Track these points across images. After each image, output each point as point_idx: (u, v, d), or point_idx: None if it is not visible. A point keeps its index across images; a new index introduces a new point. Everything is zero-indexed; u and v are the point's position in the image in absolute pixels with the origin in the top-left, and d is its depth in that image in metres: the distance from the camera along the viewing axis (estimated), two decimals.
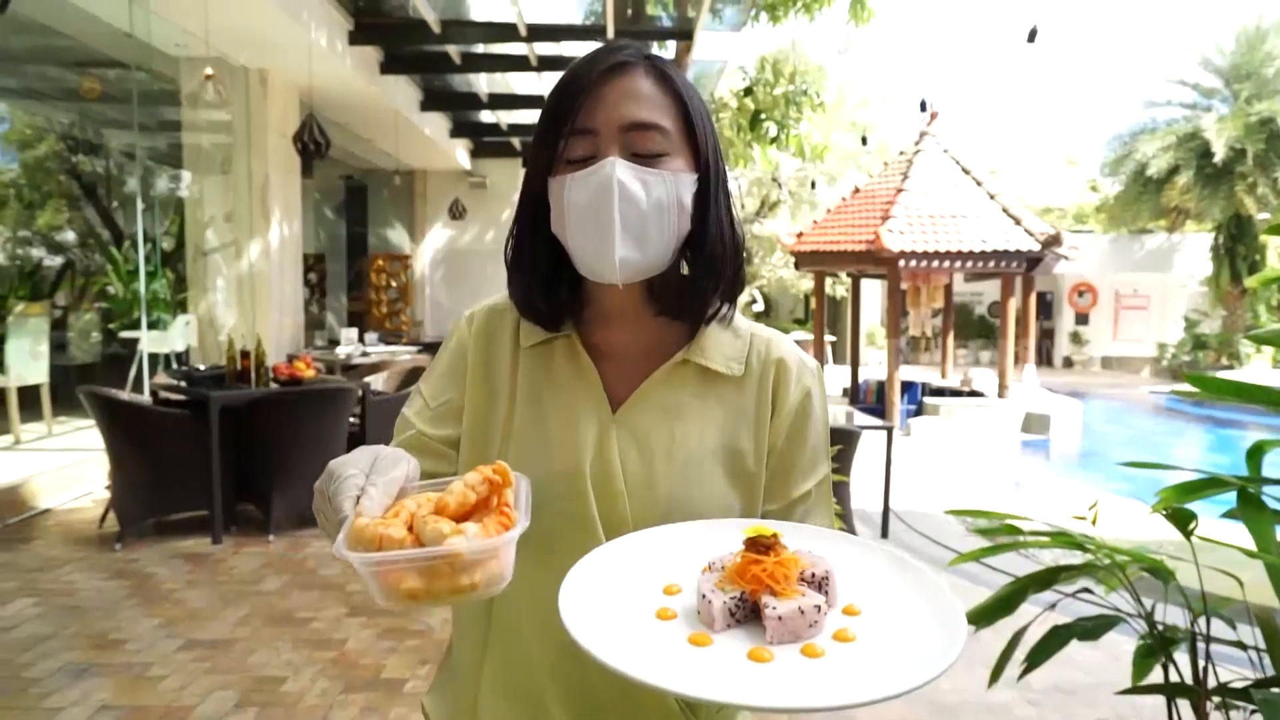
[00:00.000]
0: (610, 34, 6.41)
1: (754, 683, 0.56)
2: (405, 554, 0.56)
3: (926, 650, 0.58)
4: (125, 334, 7.68)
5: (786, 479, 0.86)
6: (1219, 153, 15.47)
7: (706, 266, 0.83)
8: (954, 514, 1.96)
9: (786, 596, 0.62)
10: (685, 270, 0.85)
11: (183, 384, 4.55)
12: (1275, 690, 1.45)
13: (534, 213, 0.83)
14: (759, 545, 0.66)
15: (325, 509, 0.64)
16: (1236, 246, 16.64)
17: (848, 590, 0.67)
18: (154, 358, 6.99)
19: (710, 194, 0.82)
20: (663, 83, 0.80)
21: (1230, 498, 1.49)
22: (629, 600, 0.66)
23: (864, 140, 13.58)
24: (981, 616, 1.72)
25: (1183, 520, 1.54)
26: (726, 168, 0.87)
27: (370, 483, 0.62)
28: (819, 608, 0.62)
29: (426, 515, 0.59)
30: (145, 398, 4.92)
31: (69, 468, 5.14)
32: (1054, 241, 9.23)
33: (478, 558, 0.57)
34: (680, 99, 0.80)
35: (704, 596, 0.64)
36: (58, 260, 10.62)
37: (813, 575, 0.65)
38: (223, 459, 4.24)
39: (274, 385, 4.58)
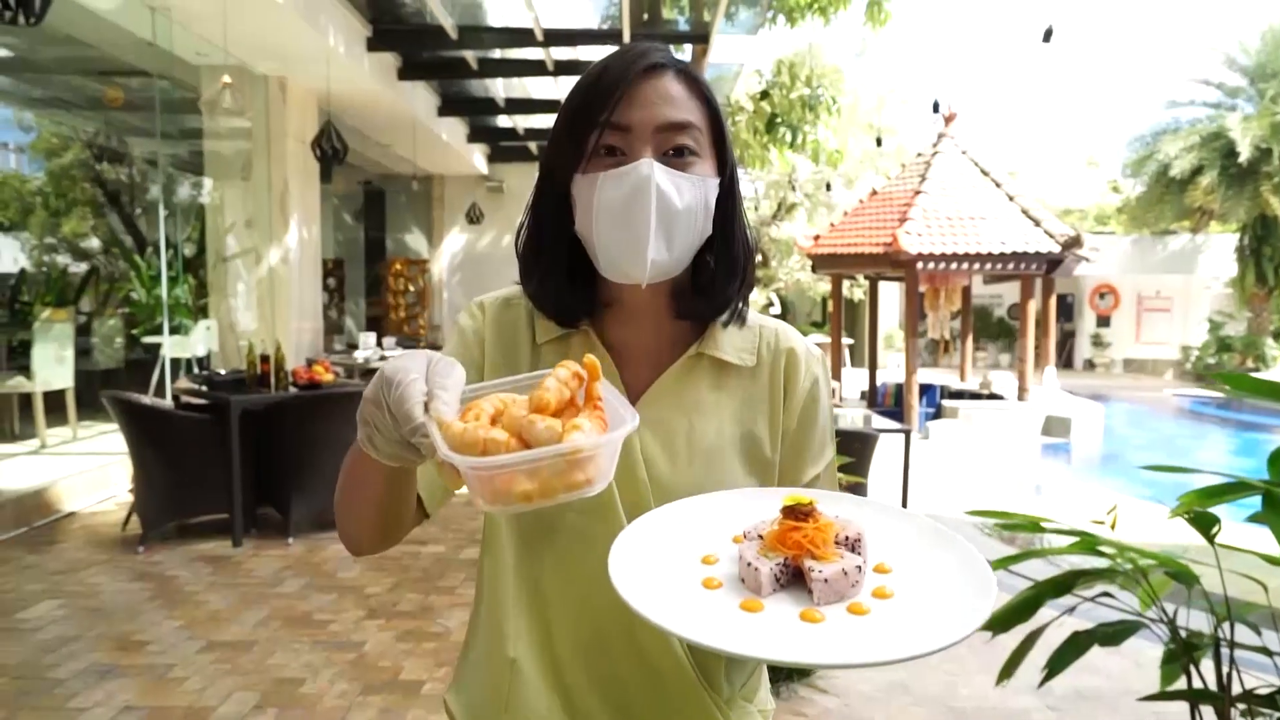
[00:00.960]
0: (626, 38, 6.42)
1: (817, 643, 0.60)
2: (531, 454, 0.54)
3: (961, 602, 0.62)
4: (148, 339, 7.78)
5: (797, 463, 0.88)
6: (1244, 152, 15.24)
7: (730, 268, 0.85)
8: (975, 514, 1.94)
9: (828, 560, 0.65)
10: (701, 271, 0.86)
11: (204, 388, 4.61)
12: None
13: (555, 208, 0.83)
14: (797, 513, 0.69)
15: (379, 419, 0.59)
16: (1262, 247, 16.37)
17: (876, 550, 0.71)
18: (176, 362, 7.09)
19: (732, 199, 0.85)
20: (692, 87, 0.81)
21: (1254, 501, 1.47)
22: (674, 571, 0.69)
23: (879, 141, 13.51)
24: (999, 622, 1.70)
25: (1205, 524, 1.52)
26: (743, 171, 0.88)
27: (439, 386, 0.58)
28: (859, 568, 0.65)
29: (531, 415, 0.57)
30: (167, 402, 4.98)
31: (93, 471, 5.21)
32: (1074, 243, 9.13)
33: (593, 454, 0.56)
34: (709, 103, 0.82)
35: (749, 564, 0.66)
36: (82, 267, 10.79)
37: (846, 538, 0.69)
38: (243, 462, 4.29)
39: (293, 389, 4.63)
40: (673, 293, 0.85)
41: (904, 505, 4.89)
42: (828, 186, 15.22)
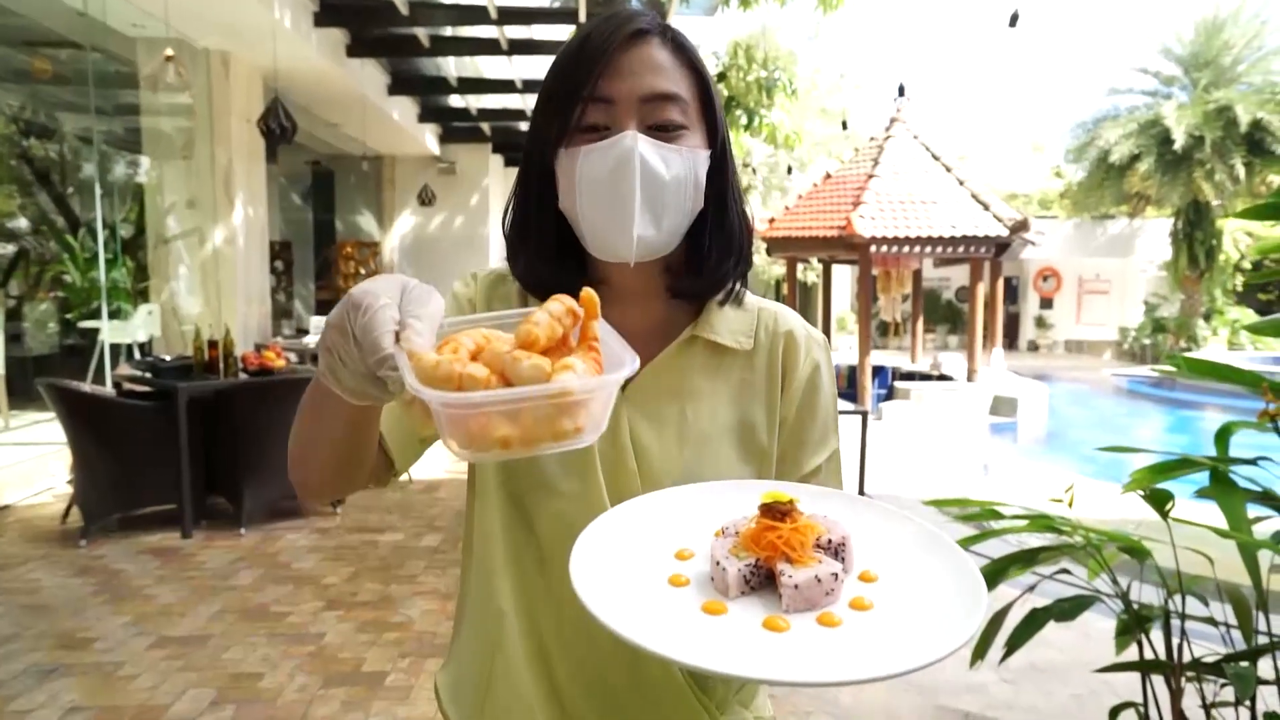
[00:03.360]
0: (582, 17, 6.33)
1: (768, 655, 0.55)
2: (513, 393, 0.47)
3: (944, 621, 0.57)
4: (85, 324, 7.47)
5: (798, 453, 0.85)
6: (1178, 140, 15.80)
7: (725, 244, 0.81)
8: (933, 504, 1.98)
9: (803, 564, 0.61)
10: (695, 248, 0.82)
11: (148, 375, 4.44)
12: (1245, 664, 1.49)
13: (540, 185, 0.79)
14: (775, 511, 0.64)
15: (343, 348, 0.53)
16: (1194, 232, 17.04)
17: (865, 556, 0.65)
18: (115, 348, 6.81)
19: (725, 172, 0.80)
20: (680, 53, 0.77)
21: (1199, 478, 1.53)
22: (641, 566, 0.65)
23: (844, 125, 13.66)
24: None
25: (1160, 501, 1.57)
26: None
27: (412, 315, 0.52)
28: (836, 575, 0.60)
29: (516, 351, 0.50)
30: (108, 389, 4.79)
31: (28, 462, 5.00)
32: (1022, 227, 9.37)
33: (584, 398, 0.50)
34: (697, 71, 0.78)
35: (718, 563, 0.62)
36: (9, 248, 10.28)
37: (829, 541, 0.64)
38: (191, 451, 4.15)
39: (243, 375, 4.49)
40: (665, 271, 0.82)
41: (860, 487, 4.98)
42: (789, 170, 15.33)
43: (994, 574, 1.73)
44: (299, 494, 0.77)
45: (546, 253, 0.80)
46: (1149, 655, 1.67)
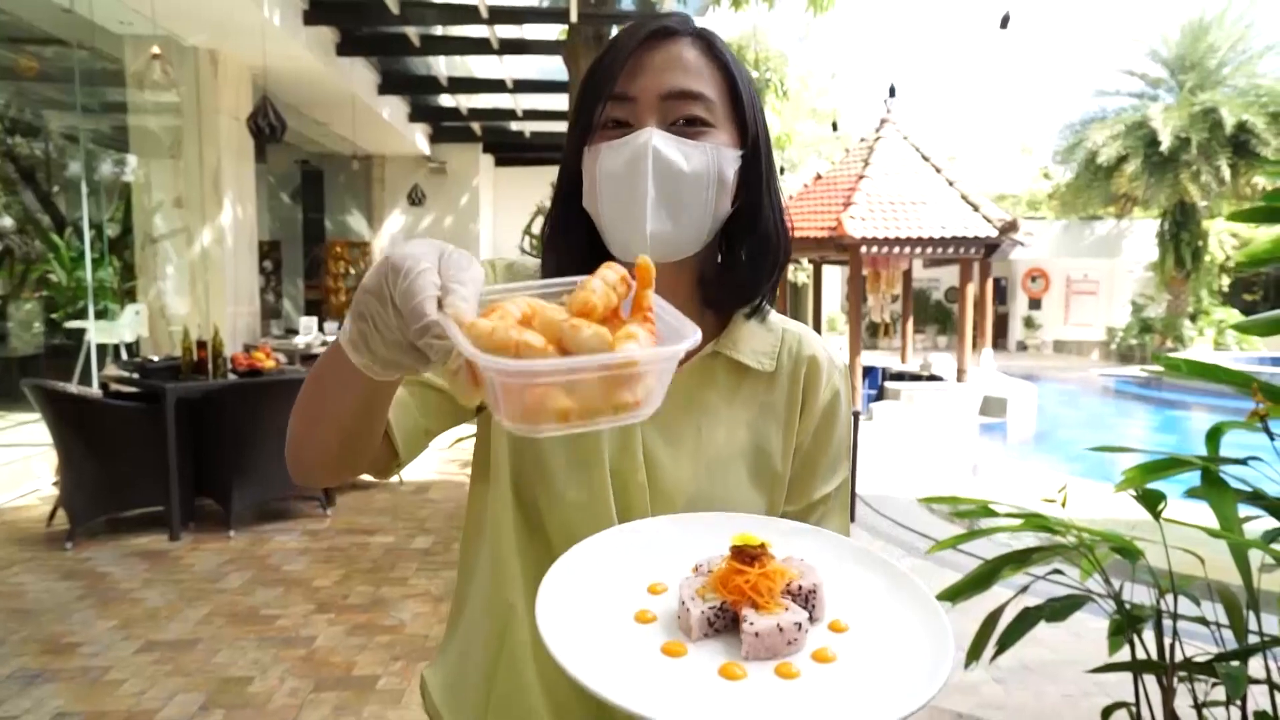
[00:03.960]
0: (574, 17, 6.32)
1: (716, 704, 0.54)
2: (578, 362, 0.45)
3: (907, 680, 0.56)
4: (70, 324, 7.40)
5: (808, 481, 0.83)
6: (1165, 141, 15.92)
7: (760, 250, 0.79)
8: (926, 502, 1.98)
9: (768, 610, 0.59)
10: (729, 254, 0.80)
11: (135, 376, 4.40)
12: (1236, 664, 1.50)
13: (570, 187, 0.78)
14: (744, 555, 0.63)
15: (382, 316, 0.51)
16: (1181, 233, 17.18)
17: (837, 603, 0.64)
18: (102, 348, 6.75)
19: (760, 174, 0.78)
20: (709, 53, 0.76)
21: (1189, 477, 1.53)
22: (610, 598, 0.63)
23: (834, 126, 13.71)
24: (956, 594, 1.74)
25: (1152, 501, 1.58)
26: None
27: (455, 280, 0.50)
28: (799, 625, 0.59)
29: (574, 319, 0.48)
30: (95, 390, 4.74)
31: (13, 464, 4.94)
32: (1011, 228, 9.41)
33: (646, 370, 0.48)
34: (728, 70, 0.76)
35: (683, 603, 0.61)
36: None
37: (799, 588, 0.63)
38: (179, 453, 4.11)
39: (232, 376, 4.46)
40: (697, 279, 0.79)
41: (852, 488, 4.99)
42: (781, 170, 15.37)
43: (988, 574, 1.74)
44: (294, 475, 0.74)
45: (575, 254, 0.79)
46: (1141, 655, 1.68)
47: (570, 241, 0.79)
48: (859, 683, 0.56)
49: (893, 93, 10.92)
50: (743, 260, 0.79)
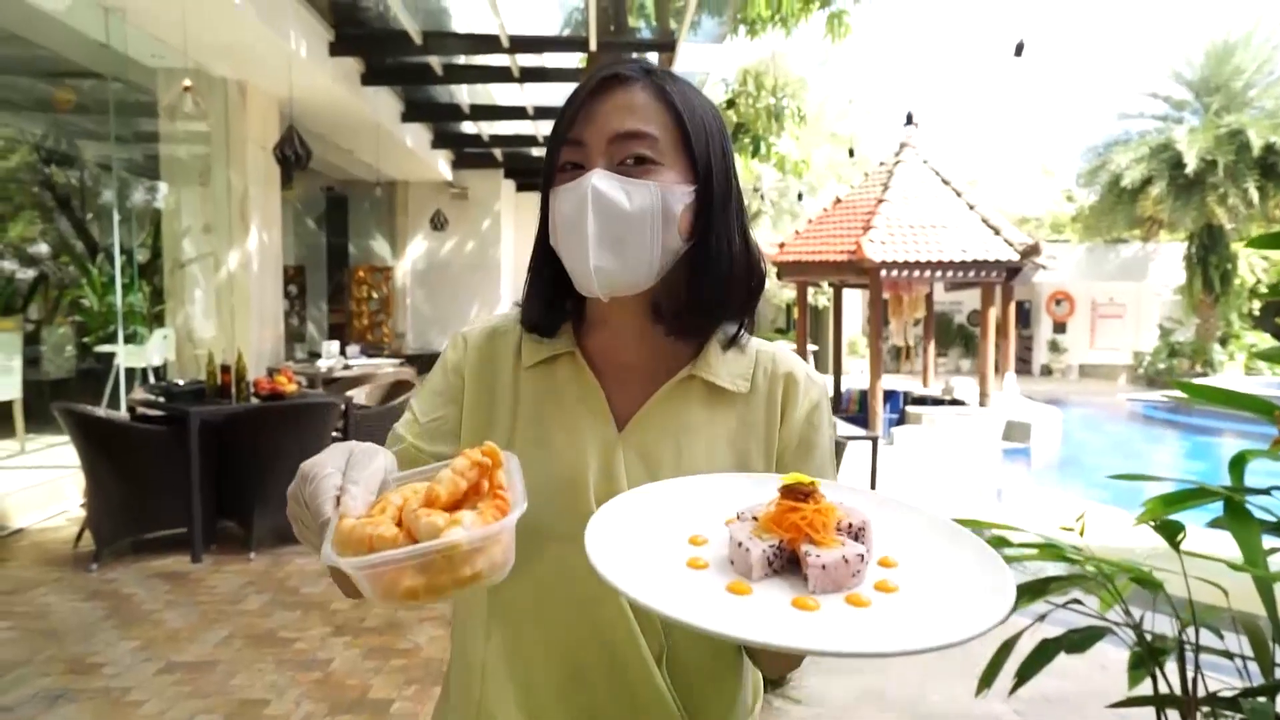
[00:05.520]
0: (593, 46, 6.42)
1: (806, 629, 0.55)
2: (401, 552, 0.53)
3: (973, 600, 0.57)
4: (101, 348, 7.56)
5: None
6: (1190, 164, 15.77)
7: (711, 286, 0.81)
8: None
9: (827, 545, 0.60)
10: (688, 286, 0.82)
11: (161, 399, 4.48)
12: (1262, 700, 1.46)
13: (543, 227, 0.83)
14: (797, 493, 0.64)
15: (302, 515, 0.59)
16: (1209, 256, 16.94)
17: (883, 544, 0.65)
18: (130, 372, 6.88)
19: (711, 208, 0.80)
20: (659, 95, 0.78)
21: (1215, 507, 1.50)
22: (659, 550, 0.64)
23: (850, 153, 13.74)
24: None
25: (1171, 532, 1.55)
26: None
27: (350, 480, 0.58)
28: (861, 557, 0.60)
29: (417, 509, 0.56)
30: (123, 414, 4.83)
31: (43, 486, 5.03)
32: (1033, 251, 9.35)
33: (478, 546, 0.55)
34: (675, 110, 0.78)
35: (740, 544, 0.61)
36: (30, 273, 10.44)
37: (849, 525, 0.64)
38: (202, 475, 4.17)
39: (255, 400, 4.52)
40: (654, 310, 0.82)
41: None
42: (799, 196, 15.40)
43: None
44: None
45: (543, 293, 0.84)
46: (1163, 689, 1.64)
47: (542, 284, 0.84)
48: (927, 607, 0.57)
49: (910, 120, 10.93)
50: (705, 292, 0.81)
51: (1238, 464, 1.55)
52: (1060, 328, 20.51)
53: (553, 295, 0.83)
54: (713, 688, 0.82)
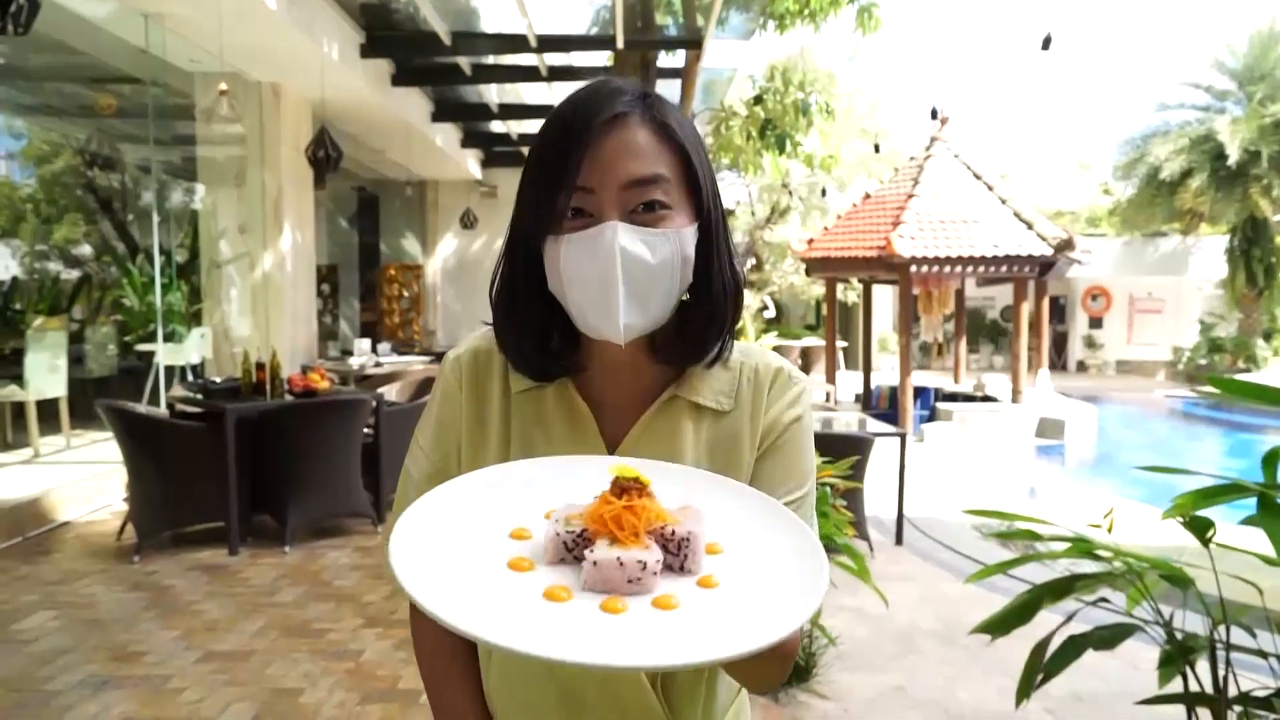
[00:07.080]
0: (620, 44, 6.44)
1: (574, 636, 0.53)
2: None
3: (776, 605, 0.56)
4: (141, 347, 7.76)
5: (767, 487, 0.82)
6: (1233, 155, 15.35)
7: (710, 312, 0.81)
8: (972, 513, 1.96)
9: (624, 544, 0.58)
10: (683, 315, 0.82)
11: (199, 396, 4.60)
12: None
13: (527, 267, 0.80)
14: (619, 488, 0.62)
15: None
16: (1252, 249, 16.49)
17: (730, 562, 0.64)
18: (170, 370, 7.06)
19: (712, 241, 0.80)
20: (661, 131, 0.77)
21: (1249, 503, 1.48)
22: (478, 549, 0.63)
23: (876, 148, 13.58)
24: (998, 625, 1.71)
25: (1200, 528, 1.53)
26: (737, 175, 0.85)
27: None
28: (644, 564, 0.57)
29: None
30: (162, 410, 4.97)
31: (87, 480, 5.19)
32: (1066, 245, 9.18)
33: None
34: (679, 147, 0.78)
35: (555, 534, 0.62)
36: (74, 274, 10.75)
37: (672, 533, 0.61)
38: (239, 470, 4.27)
39: (289, 397, 4.62)
40: (652, 342, 0.82)
41: (900, 509, 4.90)
42: (823, 192, 15.26)
43: (1028, 605, 1.70)
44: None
45: (534, 334, 0.82)
46: (1194, 687, 1.62)
47: (528, 322, 0.82)
48: (735, 612, 0.56)
49: (934, 115, 10.78)
50: (696, 320, 0.81)
51: (1271, 460, 1.52)
52: (1096, 323, 20.10)
53: (541, 338, 0.82)
54: (695, 691, 0.84)
